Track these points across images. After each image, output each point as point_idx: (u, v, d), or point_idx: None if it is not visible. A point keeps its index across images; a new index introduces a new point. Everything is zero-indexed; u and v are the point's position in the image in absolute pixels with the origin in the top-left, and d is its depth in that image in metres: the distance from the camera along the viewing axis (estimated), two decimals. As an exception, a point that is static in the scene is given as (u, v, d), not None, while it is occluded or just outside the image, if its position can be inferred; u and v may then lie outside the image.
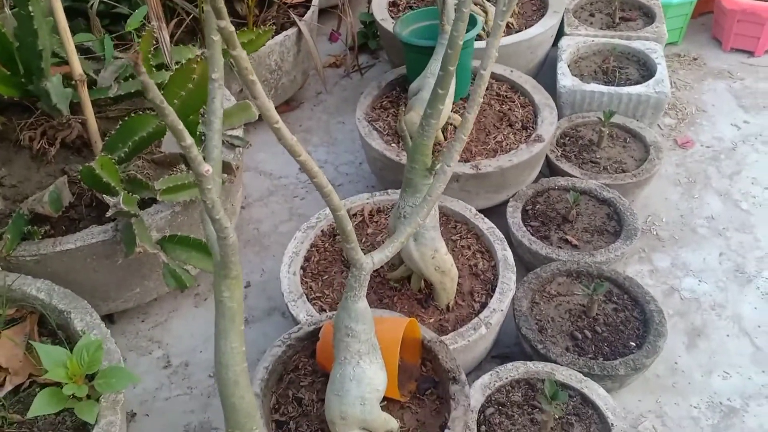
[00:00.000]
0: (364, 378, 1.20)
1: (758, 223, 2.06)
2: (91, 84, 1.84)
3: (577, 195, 1.85)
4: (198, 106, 1.54)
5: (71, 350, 1.27)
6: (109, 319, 1.82)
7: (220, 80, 1.05)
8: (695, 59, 2.78)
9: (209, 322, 1.84)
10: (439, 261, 1.56)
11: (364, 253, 1.17)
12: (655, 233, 2.04)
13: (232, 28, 0.79)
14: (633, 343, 1.58)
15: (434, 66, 1.89)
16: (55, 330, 1.45)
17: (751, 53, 2.79)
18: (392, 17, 2.55)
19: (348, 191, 2.25)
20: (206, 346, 1.79)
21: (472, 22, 2.06)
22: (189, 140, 0.84)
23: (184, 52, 1.97)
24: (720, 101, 2.56)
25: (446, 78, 1.38)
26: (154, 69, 1.84)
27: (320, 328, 1.42)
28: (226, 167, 1.65)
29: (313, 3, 2.52)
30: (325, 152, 2.43)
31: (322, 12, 2.87)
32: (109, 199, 1.36)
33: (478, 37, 2.17)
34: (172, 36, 2.31)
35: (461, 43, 1.33)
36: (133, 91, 1.74)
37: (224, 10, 0.79)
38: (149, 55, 1.83)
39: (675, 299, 1.85)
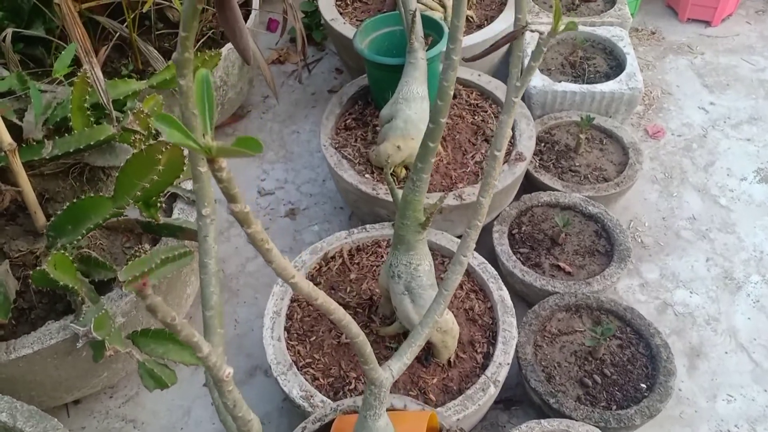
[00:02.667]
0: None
1: (739, 221, 2.03)
2: (16, 130, 1.60)
3: (567, 219, 1.76)
4: (161, 190, 1.35)
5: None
6: (73, 401, 1.64)
7: (213, 215, 0.87)
8: (653, 33, 2.69)
9: (186, 391, 1.69)
10: (440, 322, 1.45)
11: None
12: (639, 240, 1.98)
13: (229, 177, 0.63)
14: (644, 385, 1.52)
15: (405, 89, 1.73)
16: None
17: (708, 23, 2.72)
18: (340, 13, 2.34)
19: (315, 215, 2.09)
20: (187, 420, 1.64)
21: (438, 30, 1.90)
22: (206, 350, 0.69)
23: (120, 87, 1.74)
24: (684, 81, 2.49)
25: (436, 131, 1.24)
26: (89, 112, 1.61)
27: (327, 424, 1.29)
28: (193, 234, 1.46)
29: (253, 7, 2.27)
30: (282, 170, 2.24)
31: None
32: (76, 328, 1.17)
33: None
34: (97, 53, 2.05)
35: (451, 92, 1.19)
36: (71, 150, 1.52)
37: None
38: (86, 97, 1.59)
39: (669, 316, 1.81)
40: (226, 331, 1.82)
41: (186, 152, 1.27)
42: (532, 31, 1.47)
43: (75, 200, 1.31)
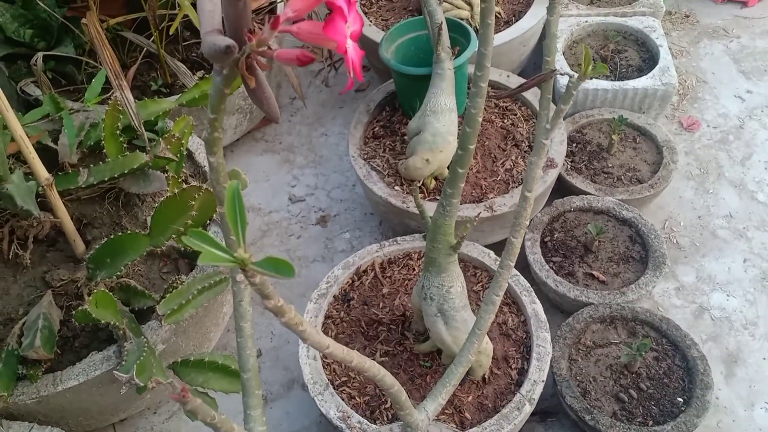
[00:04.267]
0: None
1: (777, 218, 1.99)
2: (50, 152, 1.63)
3: (600, 227, 1.74)
4: (199, 225, 1.37)
5: None
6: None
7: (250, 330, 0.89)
8: (687, 16, 2.62)
9: (225, 401, 1.73)
10: (474, 342, 1.46)
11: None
12: (675, 241, 1.96)
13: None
14: (680, 399, 1.52)
15: (433, 101, 1.72)
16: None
17: (743, 4, 2.63)
18: (365, 13, 2.32)
19: (346, 221, 2.10)
20: (229, 435, 1.68)
21: (465, 34, 1.87)
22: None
23: (151, 107, 1.76)
24: (719, 68, 2.43)
25: (465, 157, 1.24)
26: (121, 137, 1.63)
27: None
28: (228, 262, 1.48)
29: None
30: (312, 175, 2.25)
31: None
32: (120, 375, 1.20)
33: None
34: (124, 68, 2.06)
35: (480, 119, 1.18)
36: (106, 178, 1.54)
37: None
38: (118, 124, 1.61)
39: (706, 321, 1.79)
40: (263, 343, 1.86)
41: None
42: (561, 74, 1.40)
43: (113, 236, 1.34)
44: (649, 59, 2.16)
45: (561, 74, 1.24)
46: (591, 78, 0.94)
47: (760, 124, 2.23)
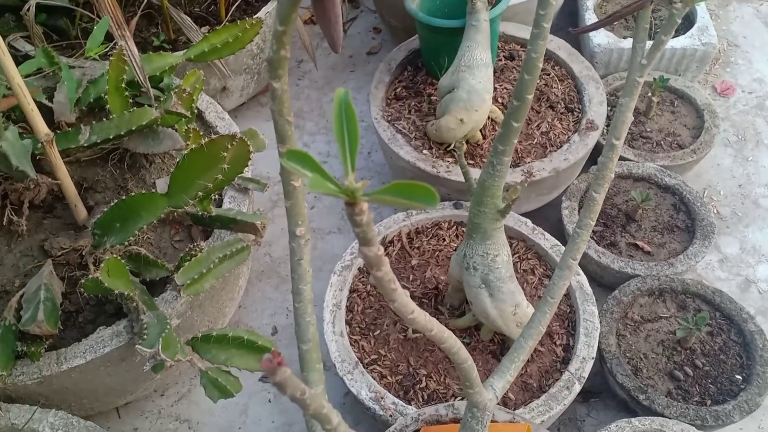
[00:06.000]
0: None
1: (822, 186, 1.88)
2: (44, 111, 1.47)
3: (646, 194, 1.62)
4: (223, 187, 1.22)
5: None
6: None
7: (307, 235, 0.75)
8: (714, -21, 2.49)
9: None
10: (521, 316, 1.33)
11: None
12: (716, 211, 1.84)
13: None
14: (739, 377, 1.41)
15: (468, 56, 1.57)
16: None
17: (772, -34, 2.51)
18: (381, -33, 2.16)
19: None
20: (245, 420, 1.54)
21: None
22: (335, 421, 0.58)
23: (156, 61, 1.60)
24: (751, 31, 2.31)
25: (522, 109, 1.11)
26: (126, 91, 1.47)
27: (410, 436, 1.19)
28: (251, 228, 1.34)
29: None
30: (324, 142, 2.10)
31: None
32: (143, 350, 1.05)
33: None
34: (127, 21, 1.89)
35: (540, 65, 1.05)
36: (111, 136, 1.38)
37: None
38: (123, 77, 1.45)
39: (753, 294, 1.68)
40: (278, 320, 1.72)
41: (251, 147, 1.13)
42: (653, 20, 1.28)
43: (124, 197, 1.19)
44: (685, 18, 2.03)
45: (654, 20, 1.10)
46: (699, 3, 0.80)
47: (797, 89, 2.12)
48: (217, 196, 1.45)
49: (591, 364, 1.37)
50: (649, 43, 0.89)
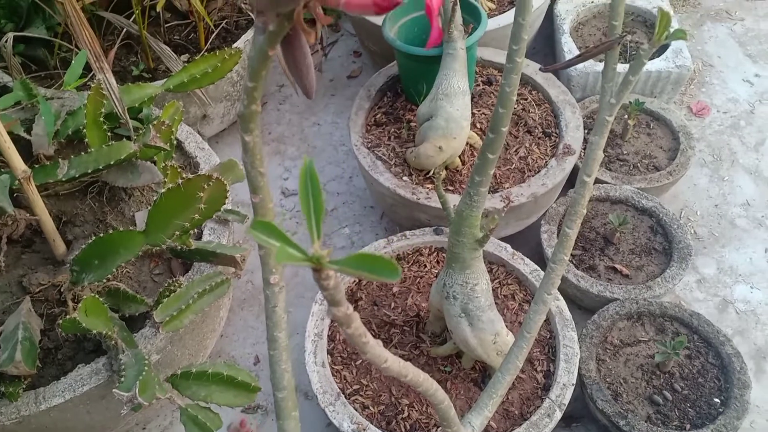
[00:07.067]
0: None
1: (796, 205, 1.91)
2: (22, 144, 1.47)
3: (623, 217, 1.64)
4: (200, 225, 1.22)
5: None
6: (105, 435, 1.54)
7: (281, 282, 0.75)
8: (688, -1, 2.53)
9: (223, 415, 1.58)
10: (501, 345, 1.34)
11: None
12: (693, 231, 1.87)
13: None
14: (717, 400, 1.42)
15: (445, 84, 1.59)
16: None
17: (745, -14, 2.56)
18: (359, -7, 2.18)
19: (344, 216, 1.97)
20: (228, 451, 1.54)
21: (475, 14, 1.74)
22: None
23: (135, 92, 1.60)
24: (725, 51, 2.34)
25: (497, 141, 1.13)
26: (105, 124, 1.47)
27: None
28: (231, 261, 1.34)
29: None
30: (306, 166, 2.10)
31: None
32: (119, 394, 1.05)
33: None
34: (106, 54, 1.89)
35: (514, 98, 1.07)
36: (89, 170, 1.38)
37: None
38: (101, 110, 1.45)
39: (731, 315, 1.70)
40: (260, 349, 1.71)
41: (229, 187, 1.14)
42: (628, 42, 1.31)
43: (102, 234, 1.18)
44: (659, 41, 2.06)
45: (628, 42, 1.12)
46: (664, 42, 0.82)
47: (770, 108, 2.16)
48: (196, 229, 1.45)
49: (571, 390, 1.38)
50: (624, 67, 0.91)
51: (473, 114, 1.78)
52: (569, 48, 2.00)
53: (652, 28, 2.11)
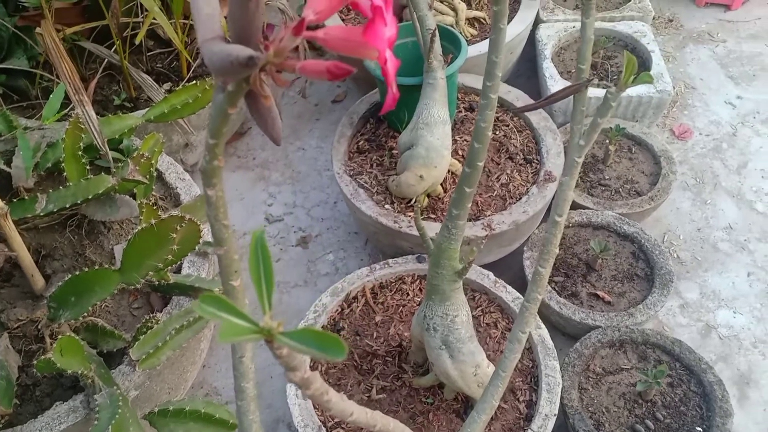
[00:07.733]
0: None
1: (778, 228, 1.92)
2: (3, 175, 1.47)
3: (604, 244, 1.64)
4: (174, 263, 1.22)
5: None
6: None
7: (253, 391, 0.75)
8: (671, 21, 2.55)
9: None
10: (482, 376, 1.34)
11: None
12: (675, 255, 1.87)
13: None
14: (699, 429, 1.42)
15: (425, 113, 1.59)
16: None
17: (727, 7, 2.58)
18: (342, 19, 2.19)
19: (329, 242, 1.96)
20: (210, 484, 1.53)
21: (455, 42, 1.75)
22: None
23: (115, 123, 1.60)
24: (707, 73, 2.36)
25: (473, 176, 1.13)
26: (83, 159, 1.47)
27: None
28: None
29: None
30: (290, 192, 2.11)
31: None
32: (92, 438, 1.04)
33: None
34: (83, 81, 1.90)
35: (489, 134, 1.07)
36: (68, 205, 1.38)
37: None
38: (80, 144, 1.45)
39: (714, 341, 1.70)
40: (244, 378, 1.70)
41: (202, 227, 1.14)
42: (595, 86, 1.32)
43: (78, 272, 1.18)
44: (640, 65, 2.08)
45: (595, 86, 1.13)
46: (630, 86, 0.83)
47: (752, 131, 2.17)
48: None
49: (554, 421, 1.37)
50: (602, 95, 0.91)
51: (455, 141, 1.79)
52: (550, 73, 2.01)
53: (633, 52, 2.13)
